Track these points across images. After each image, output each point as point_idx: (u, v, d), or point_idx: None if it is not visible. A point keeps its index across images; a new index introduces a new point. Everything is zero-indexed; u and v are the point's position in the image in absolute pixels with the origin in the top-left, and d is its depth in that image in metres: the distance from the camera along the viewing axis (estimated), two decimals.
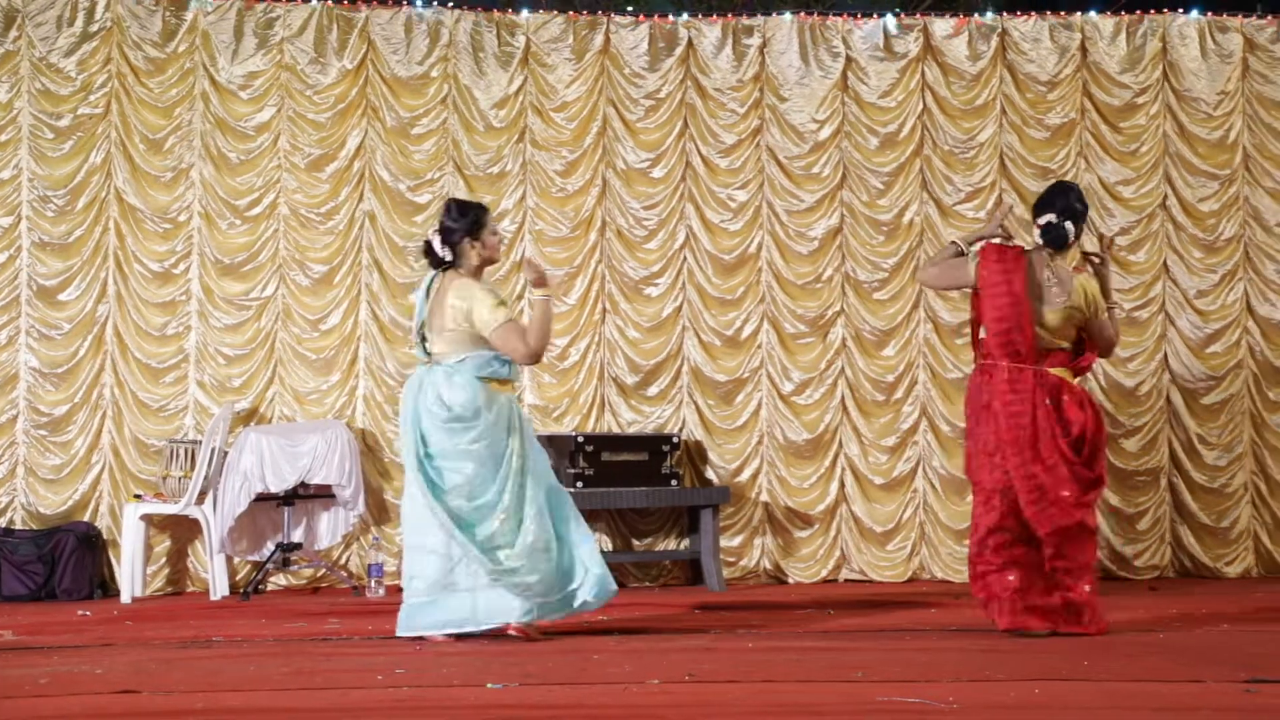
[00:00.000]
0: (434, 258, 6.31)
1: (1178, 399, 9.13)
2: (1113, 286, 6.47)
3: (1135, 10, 9.29)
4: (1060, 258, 6.37)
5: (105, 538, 8.46)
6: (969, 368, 8.85)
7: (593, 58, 9.05)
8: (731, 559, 8.88)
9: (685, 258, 9.06)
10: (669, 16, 9.24)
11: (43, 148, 8.60)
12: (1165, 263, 9.18)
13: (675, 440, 8.65)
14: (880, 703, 4.55)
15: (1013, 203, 6.67)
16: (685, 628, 6.73)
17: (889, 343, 9.07)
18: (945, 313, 8.99)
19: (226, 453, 8.21)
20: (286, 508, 8.37)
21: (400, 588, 6.35)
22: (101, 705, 4.57)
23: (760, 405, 9.03)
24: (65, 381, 8.55)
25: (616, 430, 8.90)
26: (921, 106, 9.17)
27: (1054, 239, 6.33)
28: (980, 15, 9.31)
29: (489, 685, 4.87)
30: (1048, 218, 6.35)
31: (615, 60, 9.07)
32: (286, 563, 8.46)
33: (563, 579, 6.18)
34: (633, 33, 9.10)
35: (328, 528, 8.54)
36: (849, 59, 9.16)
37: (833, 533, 8.98)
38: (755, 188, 9.10)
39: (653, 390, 9.00)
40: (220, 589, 8.15)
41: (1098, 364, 9.03)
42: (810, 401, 9.02)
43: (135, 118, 8.68)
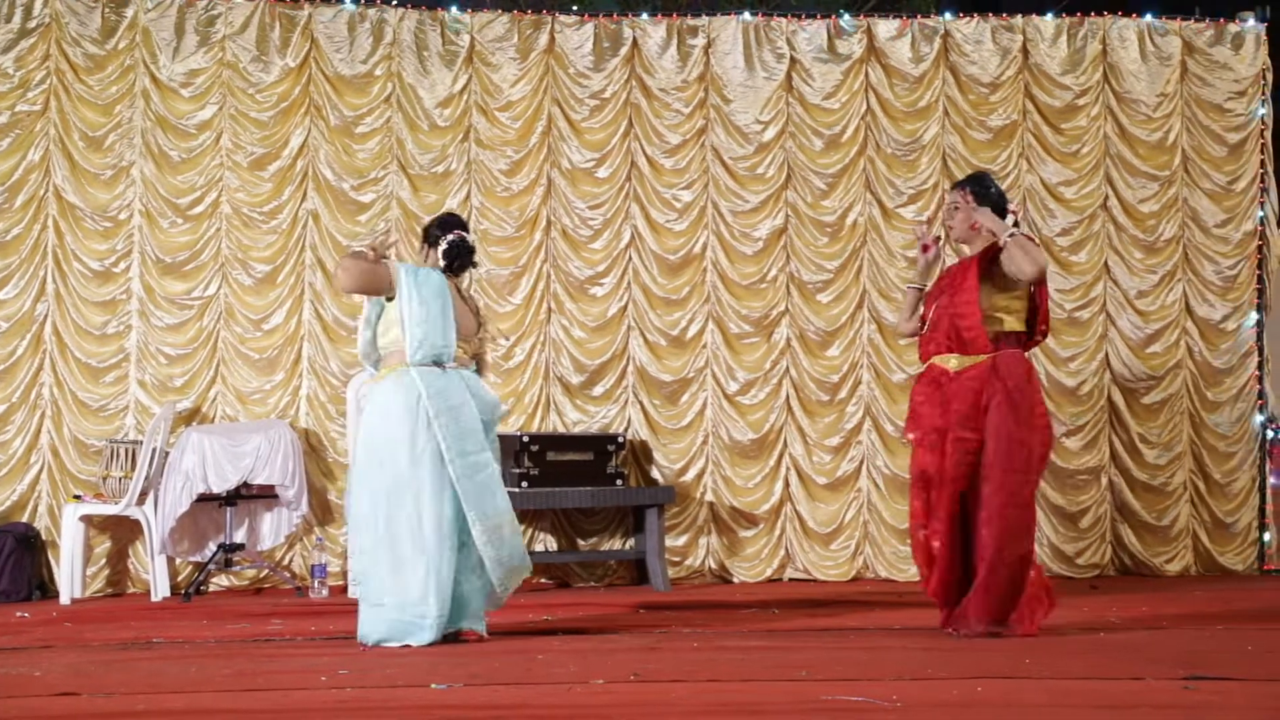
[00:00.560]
0: (468, 261, 6.26)
1: (1118, 398, 9.21)
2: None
3: (1076, 13, 9.38)
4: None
5: (44, 538, 8.38)
6: (913, 368, 8.94)
7: (537, 57, 9.04)
8: (676, 559, 8.88)
9: (630, 257, 9.07)
10: (614, 15, 9.24)
11: None
12: (1106, 263, 9.26)
13: (620, 440, 8.65)
14: (824, 701, 4.57)
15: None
16: (630, 627, 6.73)
17: (833, 343, 9.11)
18: (889, 314, 9.04)
19: (168, 453, 8.15)
20: (229, 508, 8.31)
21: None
22: (40, 708, 4.52)
23: (705, 405, 9.05)
24: (3, 381, 8.45)
25: (562, 430, 8.89)
26: (865, 108, 9.21)
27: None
28: (924, 15, 9.36)
29: (433, 686, 4.86)
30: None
31: (560, 60, 9.06)
32: (229, 564, 8.40)
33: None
34: (577, 32, 9.10)
35: (270, 528, 8.48)
36: (793, 60, 9.19)
37: (777, 532, 9.01)
38: (700, 188, 9.12)
39: (598, 390, 9.00)
40: (161, 590, 8.08)
41: (1039, 362, 9.14)
42: (755, 401, 9.04)
43: (74, 115, 8.60)
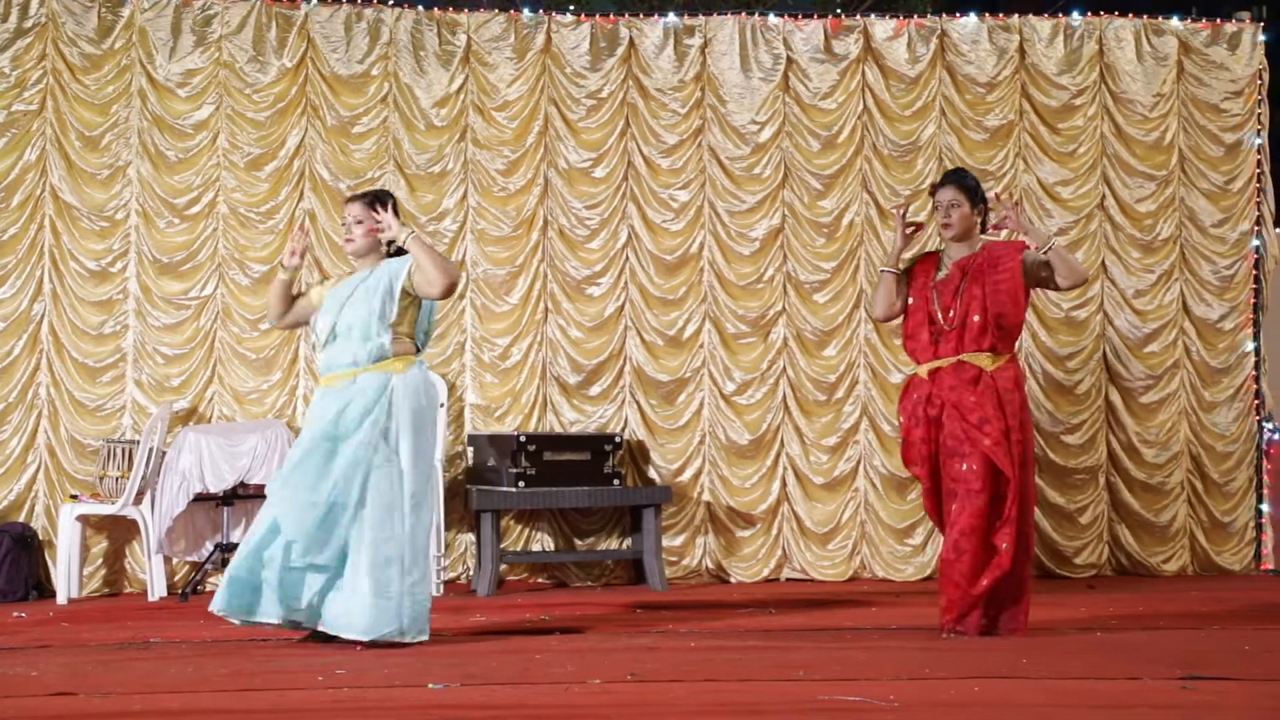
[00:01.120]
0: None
1: (1116, 398, 9.22)
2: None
3: (1073, 13, 9.37)
4: None
5: (41, 538, 8.37)
6: (909, 368, 8.91)
7: (534, 57, 9.04)
8: (674, 558, 8.88)
9: (627, 257, 9.06)
10: (610, 15, 9.24)
11: None
12: (1104, 262, 9.26)
13: (617, 440, 8.65)
14: (821, 701, 4.57)
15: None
16: (627, 627, 6.73)
17: (830, 343, 9.11)
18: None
19: (165, 452, 8.14)
20: (226, 508, 8.31)
21: None
22: (37, 707, 4.52)
23: (702, 405, 9.05)
24: (0, 381, 8.45)
25: (559, 430, 8.89)
26: (861, 108, 9.21)
27: None
28: (919, 16, 9.37)
29: (430, 685, 4.86)
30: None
31: (557, 59, 9.06)
32: (225, 563, 8.36)
33: None
34: (574, 32, 9.10)
35: None
36: (790, 60, 9.19)
37: (774, 532, 9.01)
38: (697, 188, 9.11)
39: (595, 390, 8.99)
40: (158, 590, 8.08)
41: (1036, 361, 9.15)
42: (752, 401, 9.04)
43: (71, 115, 8.59)
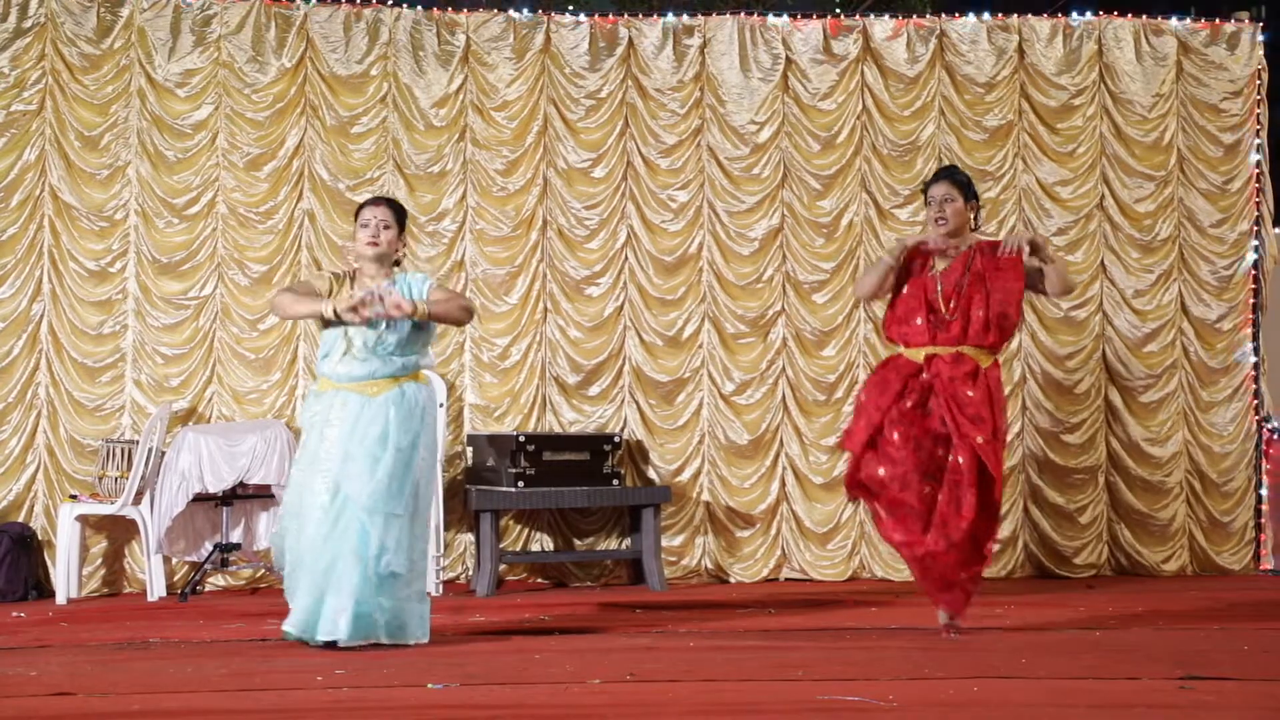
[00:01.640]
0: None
1: (1115, 398, 9.22)
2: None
3: (1072, 13, 9.38)
4: None
5: (40, 538, 8.37)
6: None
7: (533, 57, 9.04)
8: (673, 558, 8.88)
9: (626, 257, 9.06)
10: (609, 16, 9.24)
11: None
12: (1103, 262, 9.26)
13: (617, 440, 8.65)
14: (821, 701, 4.57)
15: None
16: (627, 627, 6.73)
17: (829, 343, 9.11)
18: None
19: (164, 452, 8.14)
20: (225, 508, 8.31)
21: None
22: (36, 707, 4.52)
23: (701, 405, 9.05)
24: None
25: (558, 430, 8.89)
26: (861, 108, 9.21)
27: None
28: (919, 15, 9.37)
29: (430, 686, 4.86)
30: None
31: (556, 59, 9.06)
32: (225, 563, 8.39)
33: None
34: (573, 32, 9.10)
35: (266, 528, 8.47)
36: (789, 60, 9.19)
37: (773, 532, 9.01)
38: (696, 188, 9.12)
39: (594, 390, 9.00)
40: (158, 590, 8.08)
41: (1036, 361, 9.15)
42: (751, 401, 9.04)
43: (70, 115, 8.58)
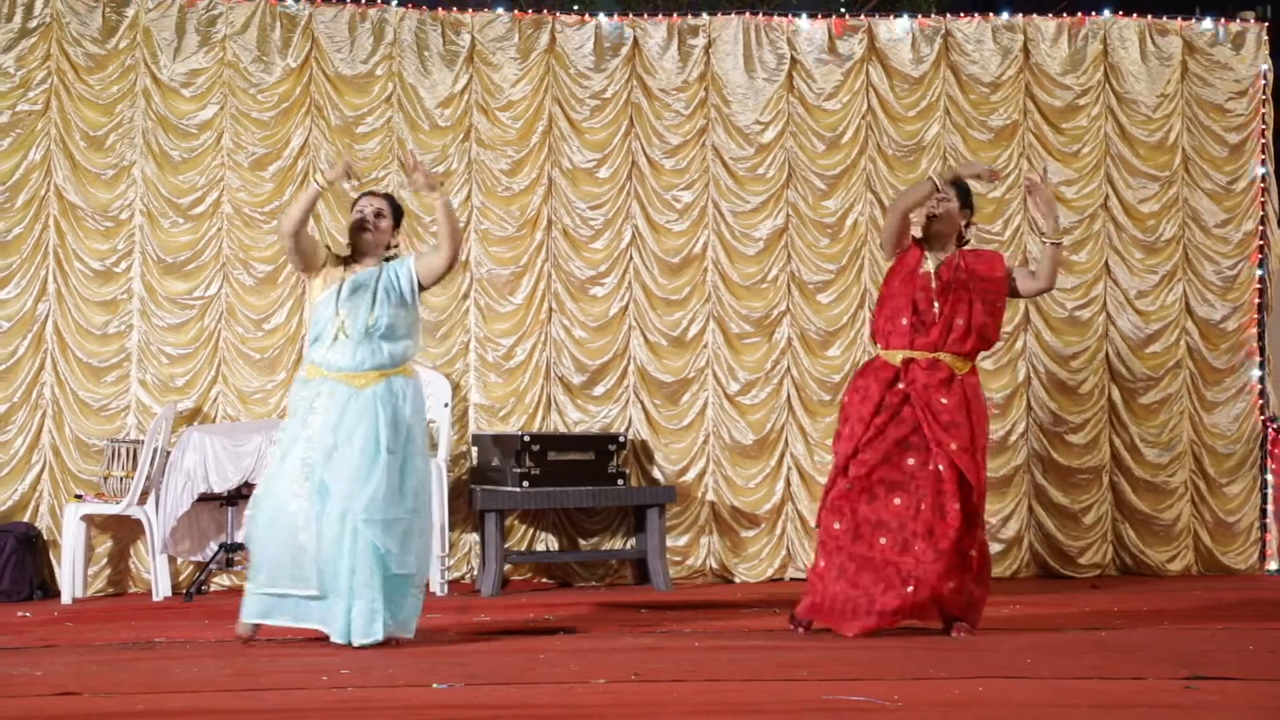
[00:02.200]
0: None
1: (1119, 398, 9.21)
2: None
3: (1077, 13, 9.38)
4: None
5: (45, 538, 8.38)
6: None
7: (538, 57, 9.04)
8: (678, 558, 8.88)
9: (631, 257, 9.07)
10: (614, 16, 9.23)
11: None
12: (1107, 263, 9.26)
13: (621, 440, 8.65)
14: (825, 701, 4.58)
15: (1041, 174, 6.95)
16: (631, 627, 6.73)
17: (834, 342, 9.11)
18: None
19: (169, 452, 8.15)
20: (230, 508, 8.30)
21: None
22: (41, 707, 4.53)
23: (706, 405, 9.05)
24: (4, 380, 8.45)
25: (563, 429, 8.89)
26: (866, 108, 9.21)
27: None
28: (925, 15, 9.37)
29: (434, 685, 4.87)
30: None
31: (561, 60, 9.06)
32: (230, 563, 8.40)
33: None
34: (578, 32, 9.10)
35: None
36: (794, 60, 9.19)
37: (778, 532, 9.01)
38: (701, 188, 9.12)
39: (599, 390, 9.00)
40: (163, 590, 8.08)
41: (1040, 361, 9.15)
42: (756, 401, 9.04)
43: (75, 115, 8.59)
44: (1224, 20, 9.46)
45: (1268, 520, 9.27)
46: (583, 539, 8.94)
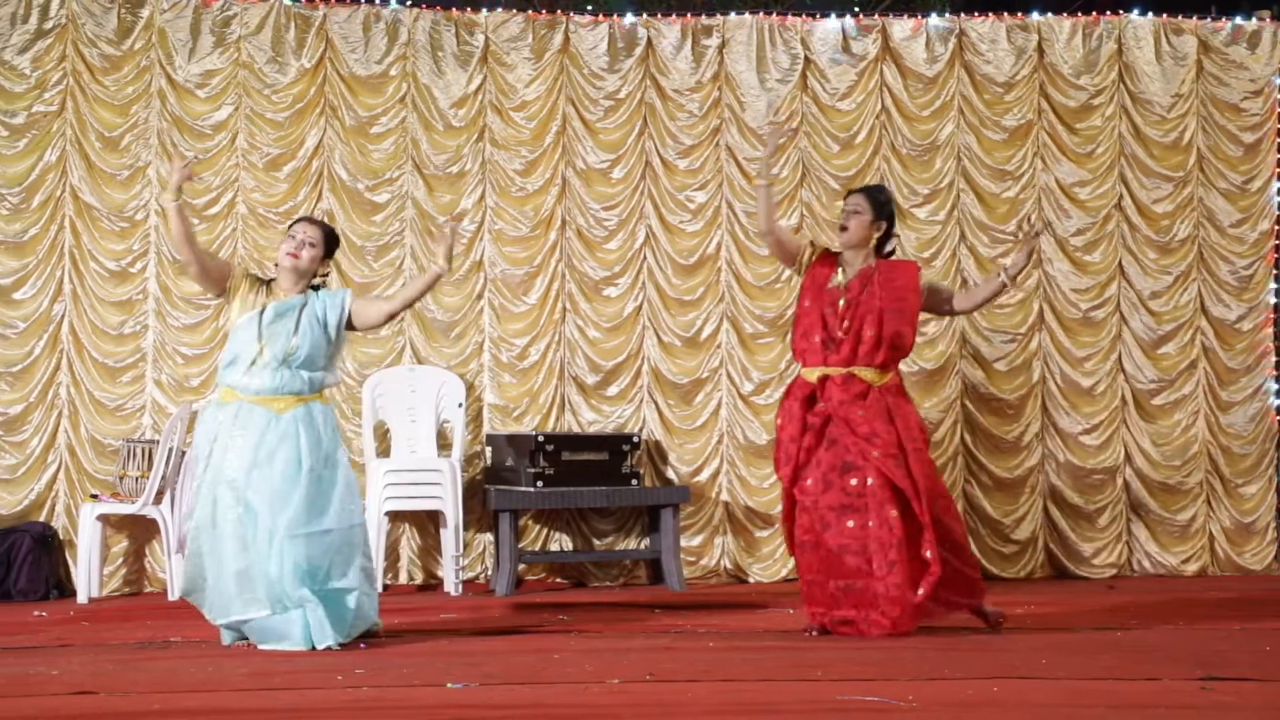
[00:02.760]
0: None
1: (1133, 398, 9.20)
2: None
3: (1092, 12, 9.37)
4: None
5: (61, 538, 8.40)
6: (929, 364, 8.95)
7: (552, 57, 9.04)
8: (692, 558, 8.88)
9: (645, 258, 9.07)
10: (627, 15, 9.23)
11: None
12: (1120, 264, 9.24)
13: (635, 440, 8.65)
14: (839, 701, 4.57)
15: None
16: (645, 627, 6.73)
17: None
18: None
19: (184, 452, 8.15)
20: None
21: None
22: (57, 707, 4.54)
23: (720, 405, 9.05)
24: (20, 380, 8.48)
25: (577, 430, 8.89)
26: (880, 108, 9.20)
27: None
28: (938, 14, 9.36)
29: (449, 685, 4.87)
30: None
31: (575, 60, 9.07)
32: None
33: None
34: (592, 33, 9.10)
35: None
36: (808, 60, 9.18)
37: None
38: (714, 188, 9.11)
39: (613, 390, 9.00)
40: (178, 590, 8.08)
41: (1055, 362, 9.13)
42: (770, 401, 9.02)
43: (91, 115, 8.62)
44: (1239, 19, 9.45)
45: None
46: (597, 539, 8.94)
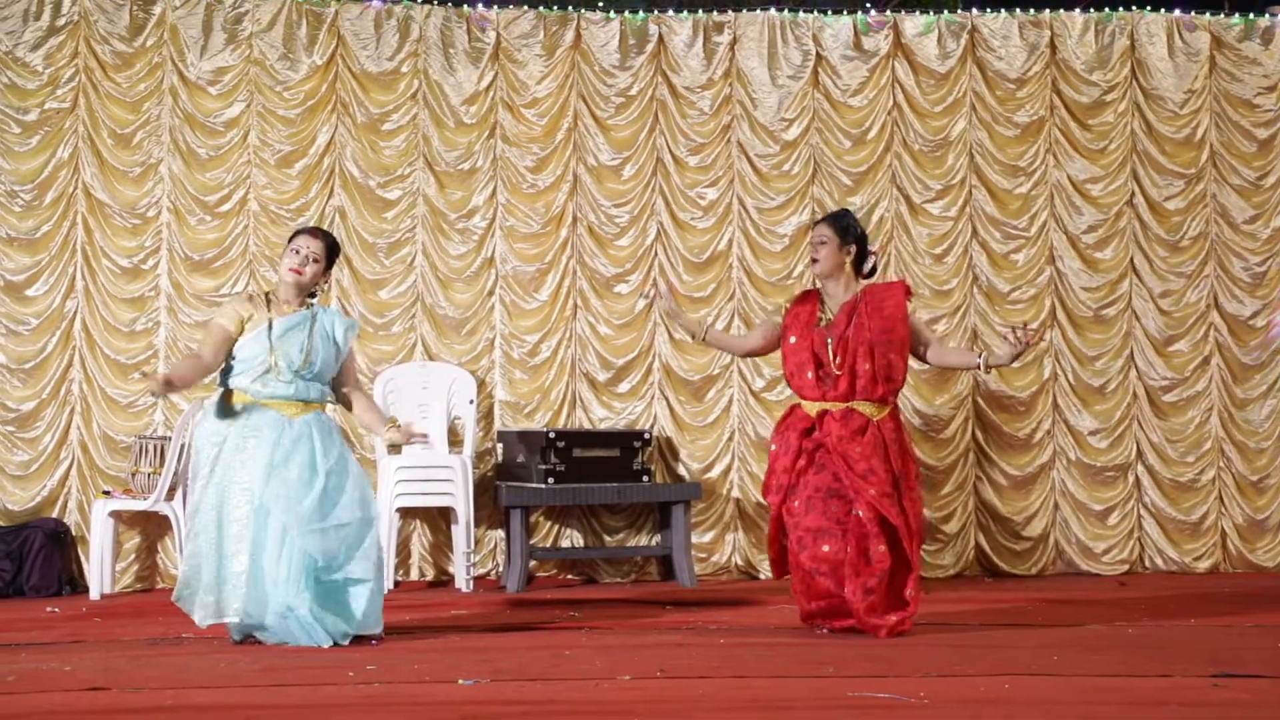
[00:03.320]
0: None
1: (1145, 395, 9.18)
2: None
3: (1104, 8, 9.34)
4: None
5: (74, 534, 8.41)
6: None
7: (563, 54, 9.04)
8: (703, 555, 8.88)
9: (656, 254, 9.07)
10: (639, 13, 9.23)
11: (9, 142, 8.54)
12: (1132, 260, 9.22)
13: (646, 436, 8.65)
14: (851, 697, 4.57)
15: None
16: (657, 624, 6.73)
17: None
18: (919, 310, 9.01)
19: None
20: None
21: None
22: (70, 702, 4.55)
23: (731, 401, 9.04)
24: (33, 377, 8.49)
25: (588, 426, 8.89)
26: (891, 104, 9.19)
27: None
28: (950, 11, 9.35)
29: (460, 681, 4.87)
30: None
31: (586, 56, 9.07)
32: None
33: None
34: (603, 29, 9.10)
35: None
36: (819, 57, 9.17)
37: None
38: (726, 185, 9.11)
39: (624, 386, 9.00)
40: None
41: (1066, 360, 9.12)
42: (781, 398, 9.01)
43: (103, 112, 8.63)
44: (1252, 15, 9.43)
45: None
46: (608, 535, 8.94)
